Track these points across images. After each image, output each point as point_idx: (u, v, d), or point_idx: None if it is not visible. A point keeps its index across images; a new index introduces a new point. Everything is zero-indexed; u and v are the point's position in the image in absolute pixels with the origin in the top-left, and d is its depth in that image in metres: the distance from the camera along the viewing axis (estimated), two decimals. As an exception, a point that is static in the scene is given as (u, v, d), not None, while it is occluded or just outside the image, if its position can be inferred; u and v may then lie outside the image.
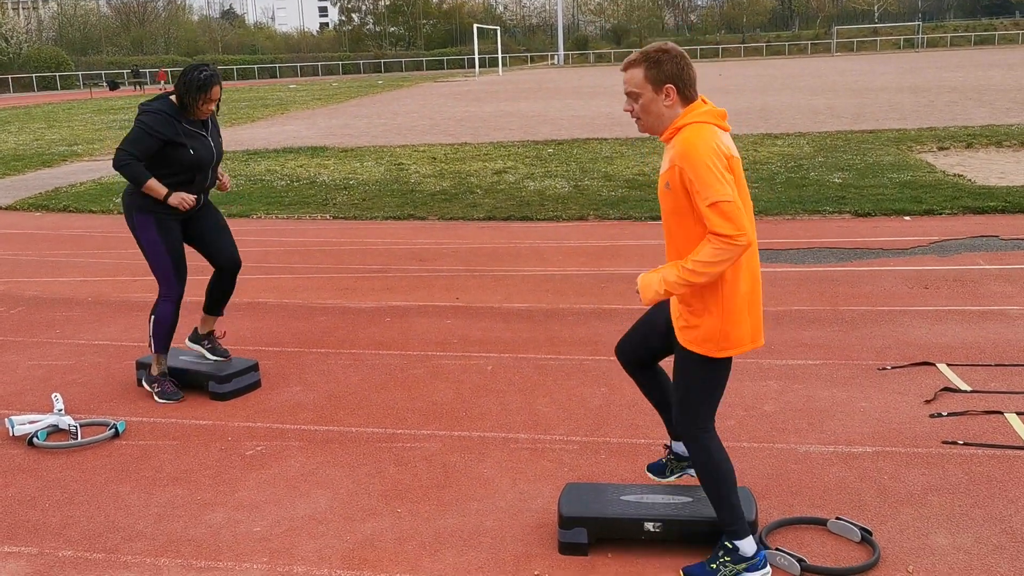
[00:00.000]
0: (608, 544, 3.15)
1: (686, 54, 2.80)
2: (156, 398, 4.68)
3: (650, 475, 3.33)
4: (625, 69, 2.82)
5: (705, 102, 2.82)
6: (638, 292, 2.87)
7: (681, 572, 3.00)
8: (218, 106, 4.58)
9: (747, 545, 2.92)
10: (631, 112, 2.86)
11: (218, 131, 4.72)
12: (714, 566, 2.94)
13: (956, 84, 26.32)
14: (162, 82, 53.35)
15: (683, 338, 2.88)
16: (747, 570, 2.92)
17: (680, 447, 3.28)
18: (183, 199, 4.45)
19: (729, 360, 2.90)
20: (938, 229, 7.93)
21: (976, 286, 6.18)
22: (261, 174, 13.24)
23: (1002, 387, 4.42)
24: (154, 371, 4.73)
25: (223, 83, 4.61)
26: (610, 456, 3.86)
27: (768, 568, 2.95)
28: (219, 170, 4.79)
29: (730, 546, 2.93)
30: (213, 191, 4.87)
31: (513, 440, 4.06)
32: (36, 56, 62.80)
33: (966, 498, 3.38)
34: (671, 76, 2.76)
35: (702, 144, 2.68)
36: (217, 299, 4.88)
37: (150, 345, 4.71)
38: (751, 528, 3.01)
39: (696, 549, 3.09)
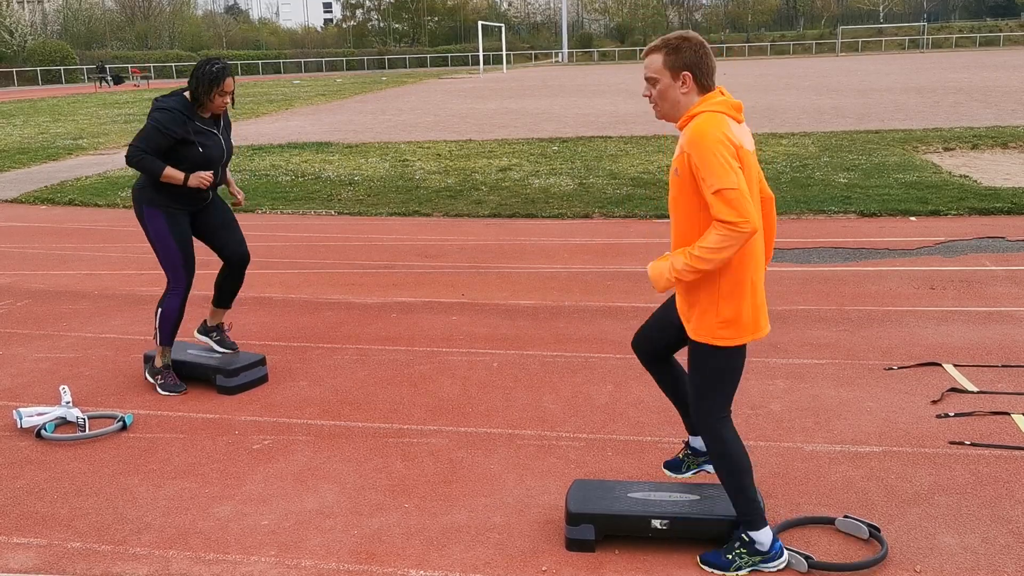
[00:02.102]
0: (615, 541, 3.16)
1: (706, 44, 2.84)
2: (159, 390, 4.69)
3: (667, 472, 3.33)
4: (646, 55, 2.88)
5: (723, 93, 2.84)
6: (650, 282, 2.90)
7: (698, 559, 3.02)
8: (233, 100, 4.59)
9: (764, 536, 2.94)
10: (649, 97, 2.90)
11: (229, 128, 4.73)
12: (730, 556, 2.96)
13: (961, 85, 26.28)
14: (137, 77, 53.40)
15: (690, 330, 2.91)
16: (763, 561, 2.94)
17: (698, 442, 3.29)
18: (202, 178, 4.47)
19: (741, 349, 2.91)
20: (944, 230, 7.93)
21: (982, 287, 6.17)
22: (266, 169, 13.25)
23: (1009, 388, 4.42)
24: (158, 363, 4.75)
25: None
26: (616, 453, 3.86)
27: (785, 557, 2.97)
28: (233, 187, 4.82)
29: (747, 538, 2.95)
30: (225, 196, 4.88)
31: (519, 436, 4.07)
32: (41, 50, 62.80)
33: (973, 498, 3.39)
34: (689, 64, 2.80)
35: (711, 132, 2.71)
36: (226, 293, 4.90)
37: (155, 337, 4.72)
38: (764, 520, 3.02)
39: (703, 547, 3.09)
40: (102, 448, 4.08)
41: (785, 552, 2.99)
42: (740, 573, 2.96)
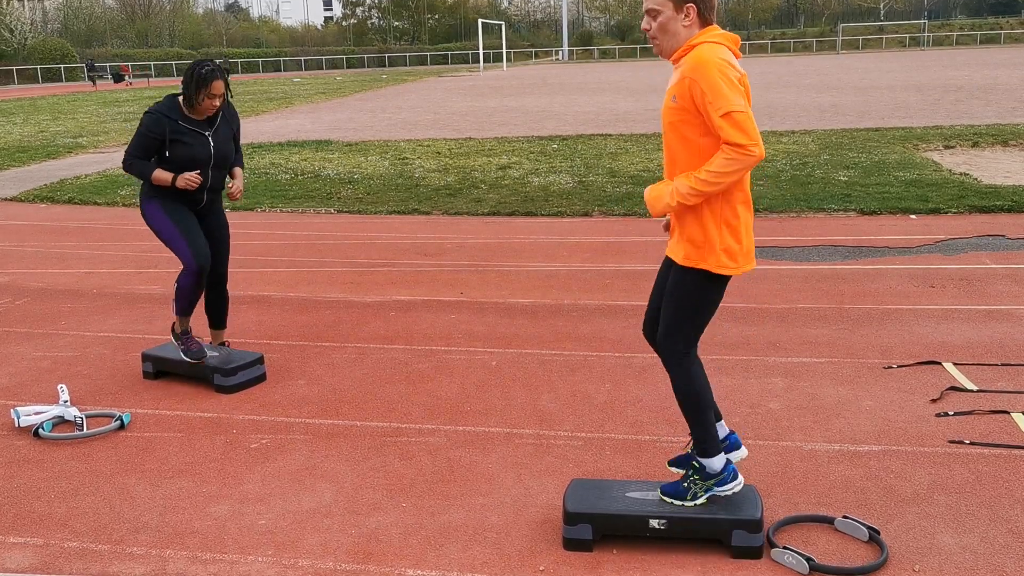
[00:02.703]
0: (613, 540, 3.15)
1: None
2: (183, 356, 4.73)
3: (672, 469, 3.31)
4: None
5: (718, 27, 2.85)
6: (647, 205, 2.88)
7: (659, 490, 3.13)
8: (226, 102, 4.61)
9: (716, 462, 3.06)
10: (647, 30, 2.88)
11: (229, 132, 4.72)
12: (686, 485, 3.09)
13: (962, 83, 26.25)
14: (126, 75, 53.42)
15: (680, 255, 2.90)
16: (717, 484, 3.06)
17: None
18: (188, 180, 4.52)
19: (724, 281, 2.92)
20: (944, 228, 7.91)
21: (982, 285, 6.16)
22: (265, 167, 13.24)
23: (1009, 386, 4.40)
24: (177, 329, 4.81)
25: (228, 74, 4.62)
26: (615, 453, 3.86)
27: (740, 479, 3.09)
28: (237, 180, 4.83)
29: (697, 464, 3.07)
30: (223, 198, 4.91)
31: (517, 436, 4.06)
32: (41, 48, 62.78)
33: (972, 498, 3.38)
34: None
35: (715, 57, 2.71)
36: (215, 313, 5.02)
37: (173, 309, 4.77)
38: (756, 526, 3.02)
39: (701, 546, 3.09)
40: (100, 447, 4.07)
41: (740, 475, 3.09)
42: (698, 501, 3.07)
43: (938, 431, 3.95)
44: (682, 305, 2.94)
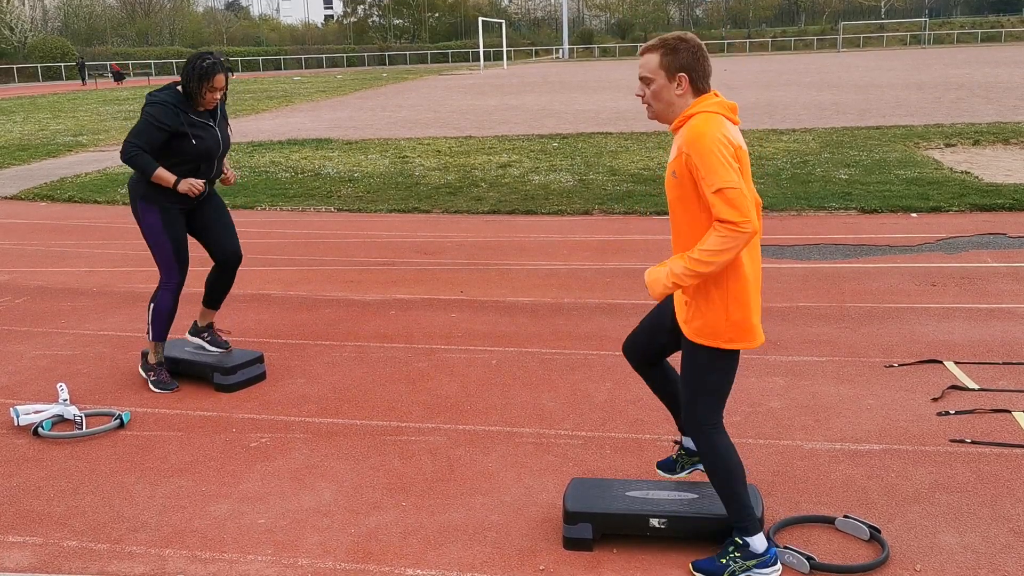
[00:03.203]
0: (613, 540, 3.14)
1: (704, 47, 2.81)
2: (152, 387, 4.68)
3: (660, 472, 3.31)
4: (642, 53, 2.84)
5: (717, 95, 2.82)
6: (647, 288, 2.86)
7: (691, 566, 2.99)
8: (225, 95, 4.56)
9: (758, 542, 2.92)
10: (642, 97, 2.86)
11: (226, 121, 4.70)
12: (724, 560, 2.93)
13: (963, 81, 26.23)
14: (115, 73, 53.32)
15: (689, 331, 2.87)
16: (758, 567, 2.91)
17: (690, 442, 3.26)
18: (192, 185, 4.43)
19: (737, 353, 2.89)
20: (945, 226, 7.90)
21: (984, 284, 6.15)
22: (265, 166, 13.23)
23: (1010, 385, 4.39)
24: (151, 359, 4.73)
25: (231, 73, 4.58)
26: (615, 452, 3.85)
27: (779, 566, 2.94)
28: (225, 164, 4.77)
29: (740, 542, 2.92)
30: (216, 183, 4.87)
31: (518, 434, 4.05)
32: (41, 46, 62.77)
33: (974, 497, 3.37)
34: (685, 65, 2.76)
35: (709, 132, 2.69)
36: (216, 293, 4.87)
37: (148, 333, 4.70)
38: (757, 525, 3.00)
39: (701, 545, 3.08)
40: (99, 446, 4.07)
41: (779, 561, 2.96)
42: None
43: (939, 430, 3.94)
44: (703, 381, 2.89)
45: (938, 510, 3.28)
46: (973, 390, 4.36)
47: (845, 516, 3.19)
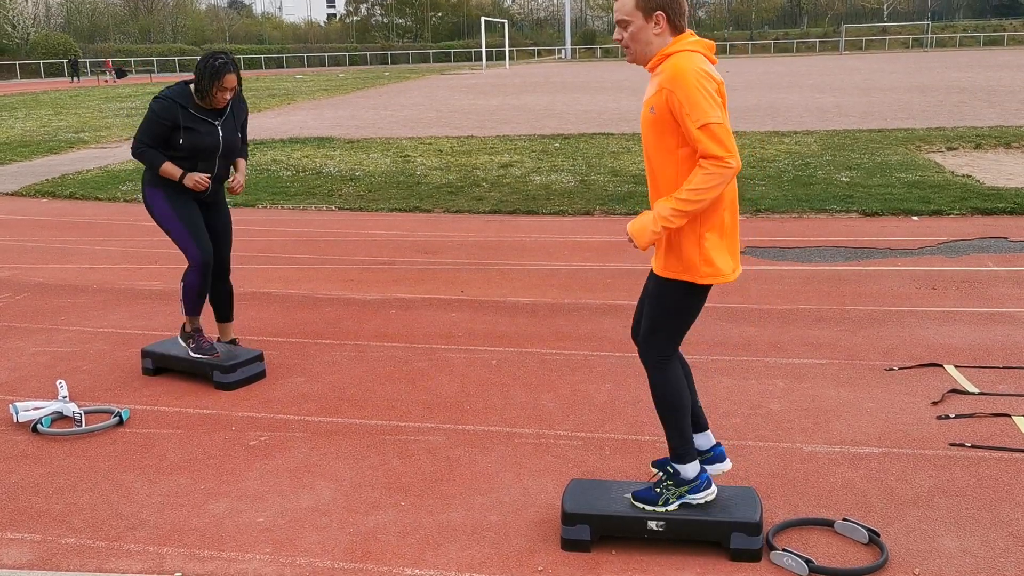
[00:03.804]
0: (611, 542, 3.14)
1: None
2: (192, 353, 4.72)
3: (654, 469, 3.30)
4: None
5: (693, 35, 2.84)
6: (631, 241, 2.86)
7: (631, 495, 3.11)
8: (239, 95, 4.64)
9: (690, 469, 3.04)
10: (620, 40, 2.88)
11: (236, 123, 4.71)
12: (659, 489, 3.07)
13: (965, 84, 26.22)
14: (109, 71, 53.30)
15: (662, 267, 2.89)
16: (689, 492, 3.05)
17: (701, 440, 3.22)
18: (197, 180, 4.53)
19: (708, 289, 2.92)
20: (946, 230, 7.90)
21: (985, 288, 6.15)
22: (267, 164, 13.23)
23: (1010, 390, 4.39)
24: (188, 328, 4.79)
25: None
26: (614, 453, 3.84)
27: (712, 488, 3.07)
28: (239, 173, 4.82)
29: (672, 470, 3.06)
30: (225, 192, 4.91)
31: (517, 435, 4.05)
32: (43, 42, 62.79)
33: (973, 501, 3.36)
34: (662, 4, 2.78)
35: (691, 68, 2.70)
36: (221, 306, 4.99)
37: (181, 310, 4.76)
38: (756, 528, 3.00)
39: (699, 548, 3.08)
40: (98, 443, 4.07)
41: (713, 484, 3.08)
42: (670, 507, 3.05)
43: (939, 434, 3.94)
44: (664, 313, 2.94)
45: (937, 514, 3.28)
46: (973, 394, 4.35)
47: (844, 519, 3.18)
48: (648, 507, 3.06)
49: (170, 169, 4.51)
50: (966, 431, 3.95)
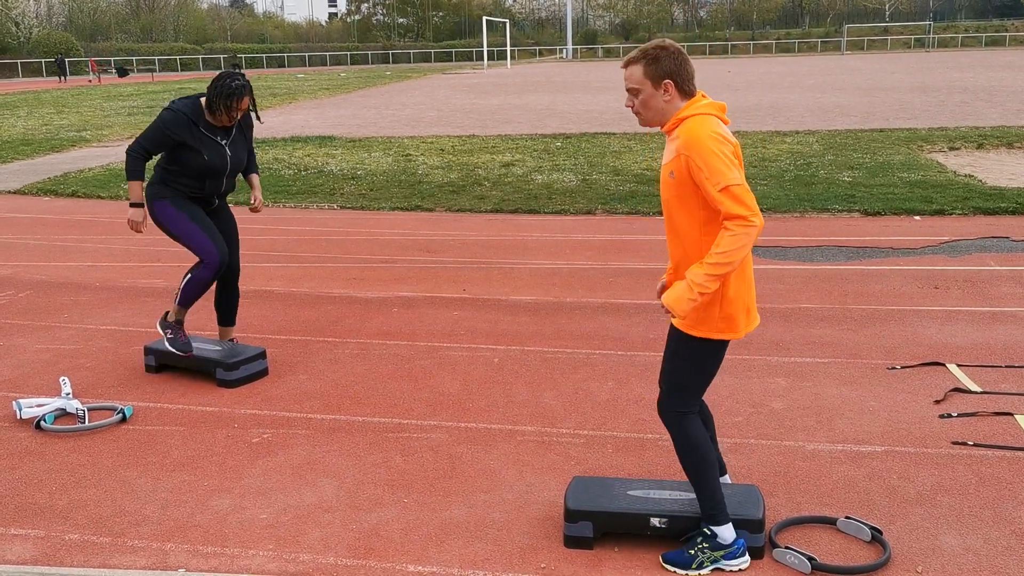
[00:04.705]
0: (614, 538, 3.14)
1: (683, 50, 2.87)
2: (166, 343, 4.70)
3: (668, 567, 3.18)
4: (625, 66, 2.89)
5: (704, 96, 2.87)
6: (668, 313, 2.84)
7: (661, 558, 3.01)
8: (257, 115, 4.69)
9: (726, 532, 2.95)
10: (632, 107, 2.92)
11: (244, 139, 4.72)
12: (692, 552, 2.96)
13: (967, 84, 26.21)
14: (94, 72, 53.33)
15: (683, 324, 2.90)
16: (725, 557, 2.95)
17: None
18: (135, 223, 4.59)
19: (725, 345, 2.93)
20: (948, 229, 7.90)
21: (987, 287, 6.15)
22: (269, 163, 13.23)
23: (1012, 388, 4.39)
24: (170, 318, 4.76)
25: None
26: (617, 451, 3.85)
27: (747, 557, 2.97)
28: (256, 191, 4.86)
29: (708, 532, 2.96)
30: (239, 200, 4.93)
31: (520, 432, 4.05)
32: (45, 41, 62.82)
33: (975, 499, 3.37)
34: (669, 72, 2.82)
35: (707, 132, 2.74)
36: (225, 310, 4.99)
37: (175, 298, 4.72)
38: (758, 526, 3.01)
39: (703, 545, 3.08)
40: (101, 440, 4.07)
41: (747, 554, 2.97)
42: (703, 572, 2.94)
43: (941, 432, 3.94)
44: (686, 370, 2.94)
45: (940, 512, 3.28)
46: (975, 393, 4.36)
47: (847, 517, 3.19)
48: (680, 571, 2.95)
49: (134, 189, 4.55)
50: (968, 430, 3.95)
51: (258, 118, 4.82)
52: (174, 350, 4.68)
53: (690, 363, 2.93)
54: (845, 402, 4.29)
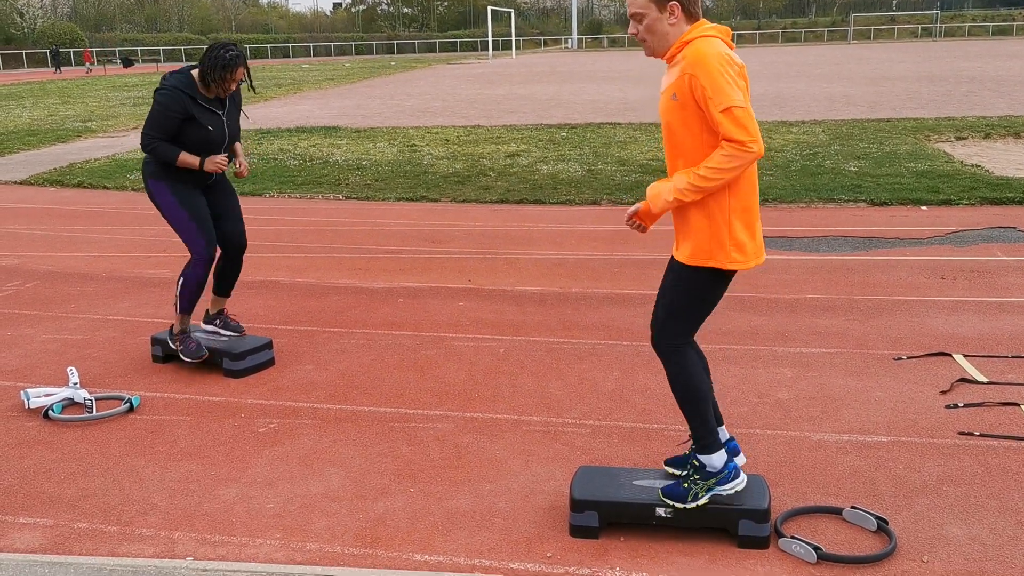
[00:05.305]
0: (620, 528, 3.15)
1: None
2: (181, 356, 4.71)
3: (669, 469, 3.27)
4: None
5: (707, 22, 2.84)
6: (636, 226, 2.88)
7: (659, 492, 3.06)
8: (252, 86, 4.65)
9: (716, 459, 2.98)
10: (636, 34, 2.87)
11: (237, 110, 4.72)
12: (686, 484, 3.00)
13: (974, 74, 26.07)
14: (88, 64, 53.22)
15: (688, 255, 2.86)
16: (718, 483, 2.99)
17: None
18: (217, 162, 4.50)
19: (730, 277, 2.90)
20: (955, 219, 7.87)
21: (993, 277, 6.13)
22: (274, 153, 13.24)
23: (1019, 379, 4.38)
24: (176, 329, 4.76)
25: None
26: (622, 440, 3.85)
27: (742, 478, 3.01)
28: (240, 157, 4.80)
29: (698, 463, 3.00)
30: (230, 175, 4.90)
31: (525, 422, 4.06)
32: (50, 31, 62.82)
33: (981, 489, 3.37)
34: None
35: (713, 52, 2.70)
36: (225, 281, 4.94)
37: (175, 305, 4.72)
38: (764, 516, 3.01)
39: (707, 535, 3.09)
40: (109, 429, 4.09)
41: (742, 473, 3.01)
42: (699, 502, 2.99)
43: (948, 422, 3.94)
44: (684, 301, 2.90)
45: (946, 502, 3.28)
46: (982, 383, 4.35)
47: (852, 507, 3.19)
48: (677, 504, 2.98)
49: (187, 159, 4.45)
50: (974, 420, 3.95)
51: (252, 88, 4.80)
52: (189, 359, 4.68)
53: (694, 294, 2.89)
54: (851, 392, 4.29)
